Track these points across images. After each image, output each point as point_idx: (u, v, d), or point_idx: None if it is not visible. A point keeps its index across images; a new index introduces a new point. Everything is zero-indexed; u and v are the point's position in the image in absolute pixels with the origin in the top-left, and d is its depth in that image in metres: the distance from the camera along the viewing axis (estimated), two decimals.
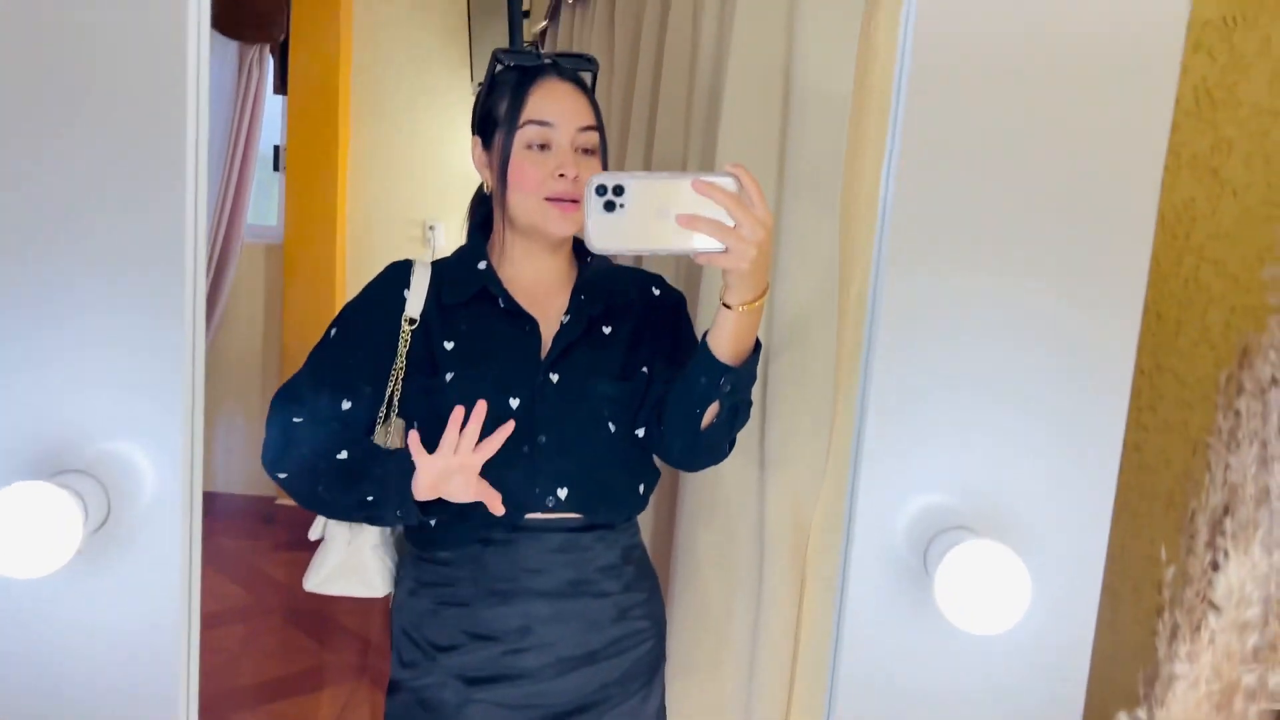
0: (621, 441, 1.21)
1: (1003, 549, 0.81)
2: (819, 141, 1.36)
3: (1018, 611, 0.81)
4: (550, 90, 1.18)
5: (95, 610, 0.87)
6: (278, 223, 3.87)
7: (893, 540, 0.91)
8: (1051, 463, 0.91)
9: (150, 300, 0.87)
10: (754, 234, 0.93)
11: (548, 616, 1.18)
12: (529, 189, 1.16)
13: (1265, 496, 0.81)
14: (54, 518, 0.77)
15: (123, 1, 0.84)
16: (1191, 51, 1.08)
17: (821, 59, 1.36)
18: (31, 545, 0.77)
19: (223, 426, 3.39)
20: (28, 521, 0.76)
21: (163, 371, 0.87)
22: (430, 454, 1.08)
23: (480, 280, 1.21)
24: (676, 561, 1.57)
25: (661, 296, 1.31)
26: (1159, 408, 1.16)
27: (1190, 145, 1.10)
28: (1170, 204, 1.11)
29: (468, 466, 1.08)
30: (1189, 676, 0.80)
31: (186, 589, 0.88)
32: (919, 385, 0.91)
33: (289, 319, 3.70)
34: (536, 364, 1.18)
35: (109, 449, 0.86)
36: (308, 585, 1.27)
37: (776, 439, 1.42)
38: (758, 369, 1.12)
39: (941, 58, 0.88)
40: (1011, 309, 0.90)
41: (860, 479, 0.91)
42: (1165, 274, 1.13)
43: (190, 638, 0.89)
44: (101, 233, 0.86)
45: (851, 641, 0.92)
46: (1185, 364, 1.14)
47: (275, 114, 3.80)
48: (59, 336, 0.86)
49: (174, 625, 0.88)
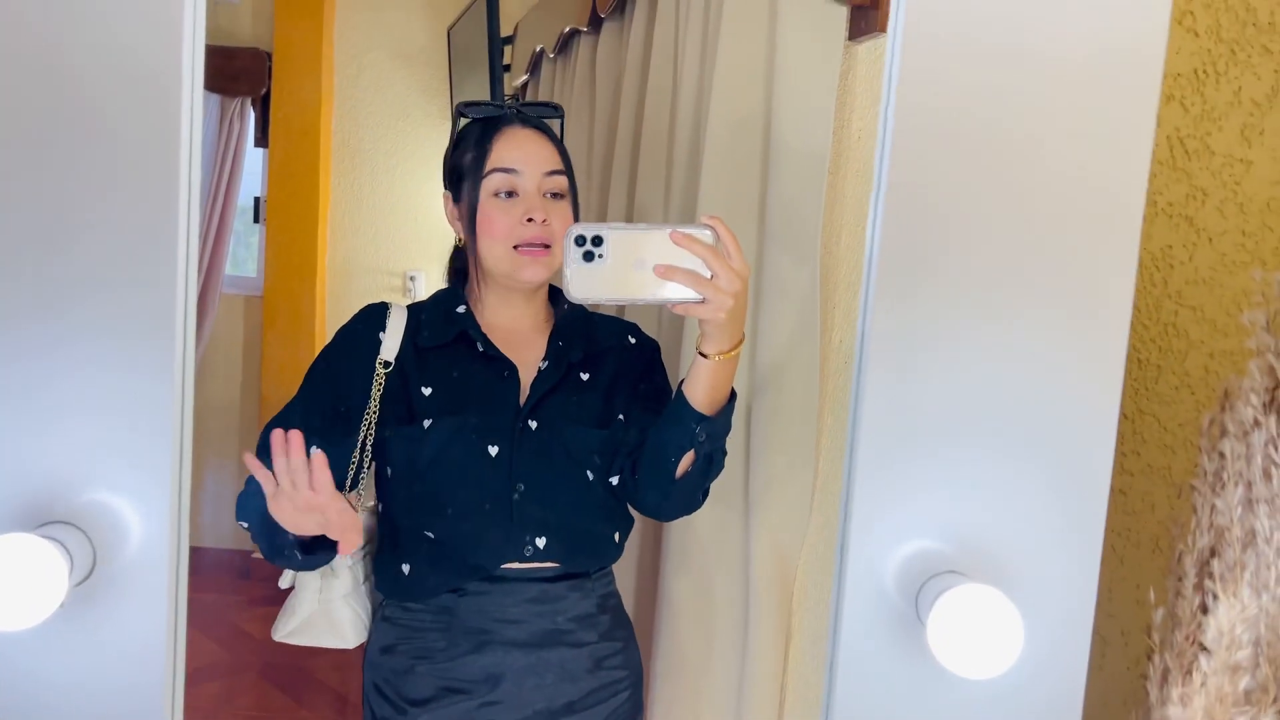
0: (599, 489, 1.20)
1: (995, 593, 0.81)
2: (798, 191, 1.38)
3: (1011, 655, 0.81)
4: (514, 138, 1.18)
5: (79, 664, 0.86)
6: (257, 274, 3.86)
7: (884, 586, 0.91)
8: (1040, 507, 0.91)
9: (138, 353, 0.86)
10: (730, 285, 0.94)
11: (522, 668, 1.16)
12: (498, 237, 1.16)
13: (1252, 538, 0.82)
14: (38, 570, 0.76)
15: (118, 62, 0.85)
16: (1165, 103, 1.11)
17: (800, 111, 1.38)
18: (15, 597, 0.75)
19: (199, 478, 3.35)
20: (11, 573, 0.75)
21: (150, 424, 0.86)
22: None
23: (459, 324, 1.21)
24: (659, 610, 1.56)
25: (638, 344, 1.31)
26: (1142, 452, 1.18)
27: (1165, 194, 1.13)
28: (1148, 251, 1.14)
29: (315, 505, 0.99)
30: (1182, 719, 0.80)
31: (172, 643, 0.87)
32: (907, 432, 0.92)
33: (268, 370, 3.68)
34: (515, 411, 1.18)
35: (95, 500, 0.85)
36: (277, 635, 1.24)
37: (759, 485, 1.42)
38: (738, 414, 1.12)
39: (924, 110, 0.90)
40: (997, 356, 0.92)
41: (851, 525, 0.91)
42: (1145, 320, 1.15)
43: (175, 692, 0.87)
44: (91, 286, 0.86)
45: (844, 688, 0.91)
46: (1166, 409, 1.16)
47: (255, 166, 3.81)
48: (46, 387, 0.86)
49: (158, 680, 0.86)
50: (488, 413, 1.17)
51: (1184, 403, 1.14)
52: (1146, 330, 1.15)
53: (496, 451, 1.15)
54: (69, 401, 0.86)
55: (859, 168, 1.39)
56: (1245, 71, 1.08)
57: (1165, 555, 1.15)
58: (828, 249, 1.41)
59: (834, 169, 1.39)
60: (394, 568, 1.18)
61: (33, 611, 0.77)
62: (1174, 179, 1.12)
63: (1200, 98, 1.11)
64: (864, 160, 1.38)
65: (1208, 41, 1.10)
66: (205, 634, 3.07)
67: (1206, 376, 1.12)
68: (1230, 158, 1.10)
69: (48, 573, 0.76)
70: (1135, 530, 1.18)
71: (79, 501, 0.85)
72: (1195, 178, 1.12)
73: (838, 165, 1.40)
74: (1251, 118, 1.09)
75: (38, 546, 0.76)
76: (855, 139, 1.40)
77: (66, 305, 0.86)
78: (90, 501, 0.85)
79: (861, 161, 1.39)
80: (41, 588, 0.76)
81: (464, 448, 1.15)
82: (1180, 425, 1.15)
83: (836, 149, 1.39)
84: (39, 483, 0.85)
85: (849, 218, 1.41)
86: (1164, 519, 1.15)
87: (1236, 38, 1.08)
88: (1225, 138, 1.10)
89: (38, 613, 0.77)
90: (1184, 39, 1.10)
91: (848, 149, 1.40)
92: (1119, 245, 0.91)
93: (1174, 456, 1.15)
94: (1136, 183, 0.90)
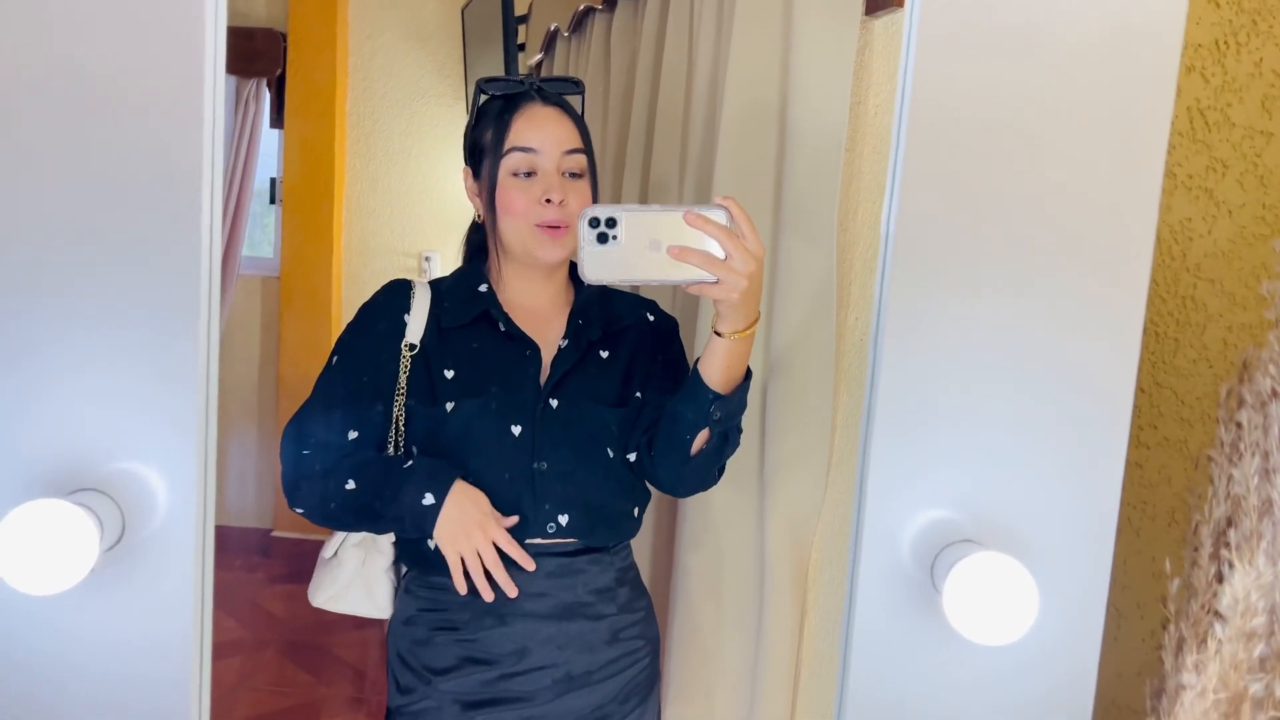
0: (618, 466, 1.21)
1: (1010, 560, 0.82)
2: (814, 168, 1.38)
3: (1026, 622, 0.81)
4: (533, 116, 1.19)
5: (108, 627, 0.87)
6: (274, 255, 3.88)
7: (899, 555, 0.92)
8: (1056, 478, 0.92)
9: (166, 326, 0.88)
10: (745, 266, 0.94)
11: (544, 639, 1.18)
12: (517, 216, 1.17)
13: (1268, 507, 0.82)
14: (70, 535, 0.78)
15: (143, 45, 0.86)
16: (1185, 74, 1.11)
17: (816, 88, 1.38)
18: (47, 561, 0.77)
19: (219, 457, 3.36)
20: (44, 538, 0.77)
21: (177, 395, 0.88)
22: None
23: (481, 303, 1.22)
24: (675, 585, 1.57)
25: (656, 321, 1.31)
26: (1159, 425, 1.18)
27: (1185, 166, 1.13)
28: (1167, 224, 1.13)
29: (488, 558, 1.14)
30: (1196, 687, 0.81)
31: (199, 607, 0.88)
32: (923, 403, 0.92)
33: (285, 350, 3.69)
34: (537, 390, 1.19)
35: (124, 469, 0.86)
36: (315, 601, 1.26)
37: (774, 463, 1.42)
38: (753, 393, 1.12)
39: (941, 84, 0.90)
40: (1014, 327, 0.92)
41: (867, 494, 0.91)
42: (1163, 293, 1.15)
43: (203, 656, 0.89)
44: (120, 262, 0.88)
45: (859, 655, 0.92)
46: (1184, 382, 1.16)
47: (271, 148, 3.82)
48: (78, 360, 0.87)
49: (186, 643, 0.88)
50: (509, 392, 1.18)
51: (1202, 376, 1.14)
52: (1165, 304, 1.15)
53: (519, 431, 1.16)
54: (100, 374, 0.88)
55: (876, 144, 1.39)
56: (1267, 42, 1.07)
57: (1182, 528, 1.15)
58: (844, 226, 1.40)
59: (850, 145, 1.39)
60: (419, 543, 1.20)
61: (65, 575, 0.78)
62: (1194, 151, 1.12)
63: (1221, 69, 1.10)
64: (880, 136, 1.38)
65: (1229, 12, 1.09)
66: (225, 611, 3.10)
67: (1225, 350, 1.12)
68: (1251, 130, 1.09)
69: (79, 538, 0.78)
70: (1152, 503, 1.18)
71: (109, 470, 0.86)
72: (1215, 150, 1.11)
73: (854, 142, 1.40)
74: (1273, 89, 1.09)
75: (69, 512, 0.78)
76: (872, 115, 1.40)
77: (97, 283, 0.88)
78: (120, 470, 0.87)
79: (878, 137, 1.38)
80: (73, 552, 0.78)
81: (487, 428, 1.16)
82: (1198, 399, 1.14)
83: (853, 125, 1.39)
84: (71, 451, 0.86)
85: (865, 194, 1.40)
86: (1181, 492, 1.15)
87: (1258, 8, 1.07)
88: (1246, 109, 1.09)
89: (69, 577, 0.79)
90: (1205, 9, 1.09)
91: (864, 125, 1.40)
92: (1137, 217, 0.91)
93: (1191, 430, 1.15)
94: (1155, 154, 0.90)
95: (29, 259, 0.88)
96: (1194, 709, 0.79)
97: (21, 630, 0.89)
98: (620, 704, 1.23)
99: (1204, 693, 0.79)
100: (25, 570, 0.77)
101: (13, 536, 0.77)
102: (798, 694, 1.48)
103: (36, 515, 0.77)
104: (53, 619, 0.88)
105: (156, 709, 0.88)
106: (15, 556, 0.77)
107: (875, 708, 0.95)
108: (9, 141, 0.87)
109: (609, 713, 1.22)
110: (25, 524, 0.77)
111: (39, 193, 0.87)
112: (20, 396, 0.88)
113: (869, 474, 0.91)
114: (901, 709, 0.95)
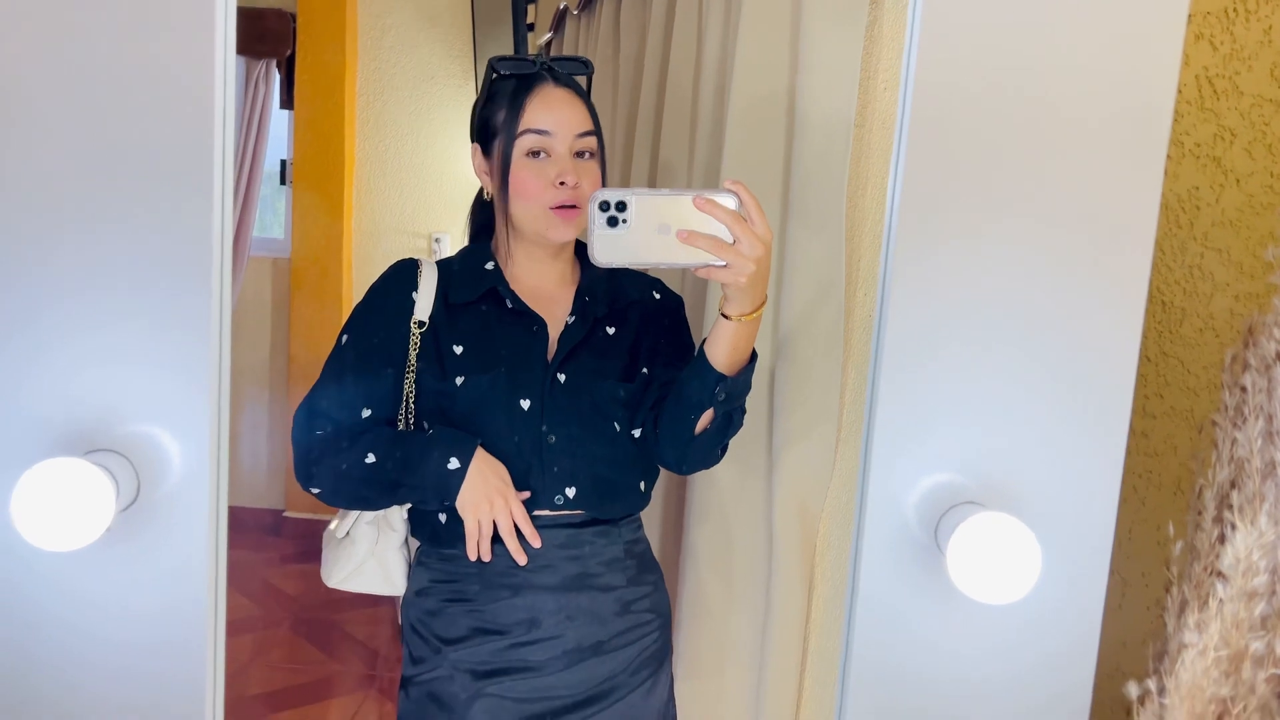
0: (625, 440, 1.22)
1: (1012, 520, 0.83)
2: (823, 151, 1.38)
3: (1029, 581, 0.82)
4: (546, 98, 1.19)
5: (124, 586, 0.89)
6: (284, 236, 3.89)
7: (904, 518, 0.93)
8: (1060, 439, 0.92)
9: (179, 291, 0.90)
10: (753, 250, 0.95)
11: (554, 609, 1.19)
12: (530, 197, 1.18)
13: (1272, 469, 0.83)
14: (86, 493, 0.79)
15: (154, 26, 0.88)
16: (1193, 41, 1.11)
17: (825, 67, 1.37)
18: (64, 519, 0.78)
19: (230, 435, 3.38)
20: (61, 495, 0.78)
21: (190, 357, 0.90)
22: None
23: (489, 281, 1.23)
24: (683, 559, 1.58)
25: (663, 300, 1.32)
26: (1165, 395, 1.18)
27: (1193, 134, 1.13)
28: (1174, 193, 1.13)
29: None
30: (1198, 645, 0.81)
31: (213, 570, 0.90)
32: (928, 368, 0.93)
33: (296, 331, 3.71)
34: (545, 365, 1.20)
35: (140, 430, 0.88)
36: (330, 581, 1.28)
37: (782, 441, 1.43)
38: (760, 372, 1.13)
39: (946, 55, 0.90)
40: (1019, 294, 0.92)
41: (871, 459, 0.92)
42: (1170, 262, 1.15)
43: (217, 621, 0.90)
44: (136, 229, 0.90)
45: (864, 618, 0.93)
46: (1190, 351, 1.16)
47: (281, 129, 3.82)
48: (94, 323, 0.89)
49: (201, 607, 0.89)
50: (518, 367, 1.19)
51: (1208, 345, 1.14)
52: (1171, 273, 1.15)
53: (528, 404, 1.17)
54: (116, 337, 0.90)
55: (885, 119, 1.39)
56: (1276, 10, 1.07)
57: (1187, 497, 1.16)
58: (853, 202, 1.40)
59: (860, 121, 1.39)
60: (431, 517, 1.21)
61: (81, 532, 0.80)
62: (1202, 119, 1.12)
63: (1230, 36, 1.10)
64: (889, 111, 1.38)
65: None
66: (237, 589, 3.13)
67: (1231, 319, 1.12)
68: (1260, 98, 1.09)
69: (95, 496, 0.79)
70: (1157, 472, 1.18)
71: (124, 431, 0.88)
72: (1223, 118, 1.11)
73: (863, 117, 1.39)
74: None
75: (86, 470, 0.79)
76: (881, 90, 1.40)
77: (115, 250, 0.90)
78: (135, 432, 0.88)
79: (887, 112, 1.38)
80: (89, 509, 0.79)
81: (496, 402, 1.17)
82: (1204, 368, 1.15)
83: (862, 100, 1.39)
84: (87, 412, 0.88)
85: (874, 171, 1.40)
86: (1186, 461, 1.16)
87: None
88: (1255, 77, 1.09)
89: (86, 534, 0.80)
90: None
91: (873, 100, 1.40)
92: (1142, 184, 0.91)
93: (1197, 399, 1.16)
94: (1161, 121, 0.90)
95: (51, 230, 0.89)
96: (1194, 667, 0.80)
97: (40, 593, 0.90)
98: (631, 675, 1.24)
99: (1205, 651, 0.80)
100: (42, 526, 0.78)
101: (30, 493, 0.79)
102: (805, 666, 1.49)
103: (53, 472, 0.78)
104: (70, 581, 0.89)
105: (171, 673, 0.90)
106: (32, 513, 0.79)
107: (880, 668, 0.96)
108: (27, 120, 0.89)
109: (620, 684, 1.23)
110: (42, 481, 0.79)
111: (57, 168, 0.89)
112: (38, 357, 0.90)
113: (874, 437, 0.92)
114: (905, 671, 0.96)
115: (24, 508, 0.78)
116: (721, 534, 1.54)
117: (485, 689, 1.19)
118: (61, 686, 0.91)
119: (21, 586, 0.90)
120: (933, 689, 0.97)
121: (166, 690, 0.91)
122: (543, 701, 1.20)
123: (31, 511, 0.78)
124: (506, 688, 1.19)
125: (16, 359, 0.90)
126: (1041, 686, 0.95)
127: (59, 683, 0.91)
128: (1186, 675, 0.80)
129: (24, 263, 0.90)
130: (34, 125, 0.89)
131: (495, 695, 1.19)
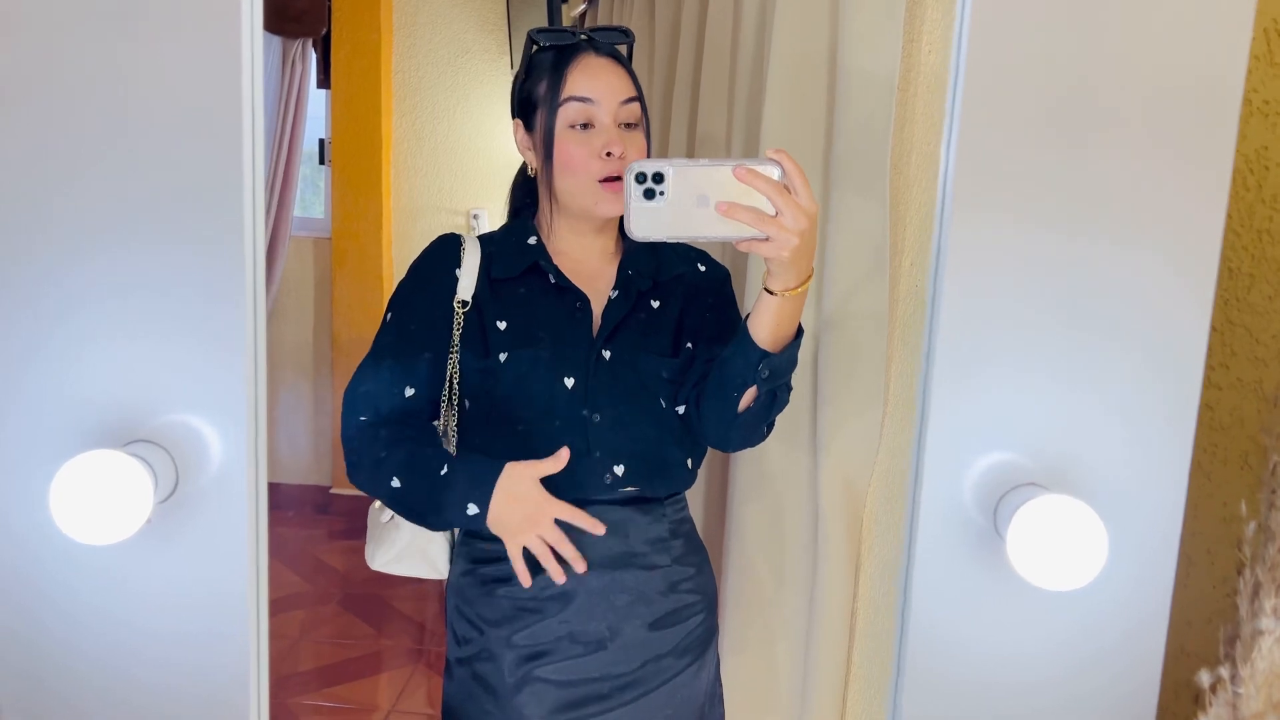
0: (670, 416, 1.20)
1: (1077, 503, 0.79)
2: (867, 117, 1.34)
3: (1094, 566, 0.79)
4: (588, 66, 1.17)
5: (164, 579, 0.89)
6: (325, 215, 3.91)
7: (960, 499, 0.90)
8: (1124, 417, 0.89)
9: (213, 281, 0.89)
10: (796, 223, 0.91)
11: (596, 588, 1.18)
12: (577, 170, 1.15)
13: None
14: (125, 485, 0.78)
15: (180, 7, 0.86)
16: None
17: (867, 31, 1.33)
18: (102, 511, 0.78)
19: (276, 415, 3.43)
20: (100, 488, 0.77)
21: (226, 348, 0.89)
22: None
23: (531, 256, 1.21)
24: (729, 538, 1.56)
25: (708, 272, 1.30)
26: (1231, 365, 1.13)
27: (1261, 91, 1.07)
28: (1242, 154, 1.08)
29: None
30: (1275, 632, 0.78)
31: (254, 559, 0.89)
32: (985, 342, 0.89)
33: (338, 309, 3.73)
34: (589, 342, 1.18)
35: (178, 421, 0.87)
36: (375, 565, 1.28)
37: (828, 418, 1.40)
38: (805, 348, 1.10)
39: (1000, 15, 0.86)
40: (1081, 263, 0.88)
41: (927, 438, 0.89)
42: (1236, 227, 1.10)
43: (259, 609, 0.90)
44: (169, 217, 0.89)
45: (920, 601, 0.91)
46: (1259, 320, 1.11)
47: (319, 108, 3.83)
48: (131, 313, 0.88)
49: (241, 596, 0.89)
50: (562, 344, 1.17)
51: (1277, 314, 1.09)
52: (1239, 238, 1.10)
53: (572, 383, 1.16)
54: (151, 328, 0.89)
55: (930, 83, 1.34)
56: None
57: (1255, 471, 1.11)
58: (897, 169, 1.36)
59: (903, 85, 1.34)
60: None
61: (120, 525, 0.79)
62: (1271, 75, 1.06)
63: None
64: (935, 75, 1.33)
65: None
66: (287, 565, 3.17)
67: None
68: None
69: (134, 488, 0.79)
70: (1223, 446, 1.14)
71: (162, 422, 0.87)
72: None
73: (907, 82, 1.35)
74: None
75: (124, 462, 0.79)
76: (925, 53, 1.35)
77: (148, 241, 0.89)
78: (172, 422, 0.87)
79: (933, 77, 1.33)
80: (128, 502, 0.79)
81: (540, 380, 1.16)
82: (1273, 337, 1.10)
83: (906, 65, 1.34)
84: (126, 403, 0.87)
85: (919, 136, 1.36)
86: (1255, 434, 1.11)
87: None
88: None
89: (125, 527, 0.79)
90: None
91: (917, 65, 1.35)
92: (1213, 147, 0.86)
93: (1266, 370, 1.11)
94: (1233, 79, 0.85)
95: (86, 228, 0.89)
96: (1273, 655, 0.76)
97: (82, 584, 0.90)
98: (677, 658, 1.23)
99: None
100: (80, 520, 0.78)
101: (68, 486, 0.78)
102: (853, 645, 1.47)
103: (91, 465, 0.78)
104: (109, 572, 0.89)
105: (215, 662, 0.90)
106: (71, 506, 0.78)
107: (936, 654, 0.93)
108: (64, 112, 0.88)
109: (665, 666, 1.22)
110: (80, 474, 0.78)
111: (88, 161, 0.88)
112: (74, 349, 0.89)
113: (929, 415, 0.88)
114: (963, 657, 0.93)
115: (62, 501, 0.78)
116: (767, 511, 1.52)
117: (531, 672, 1.18)
118: (107, 676, 0.91)
119: (63, 579, 0.90)
120: (990, 674, 0.94)
121: (210, 679, 0.91)
122: (588, 682, 1.19)
123: (70, 505, 0.78)
124: (551, 670, 1.18)
125: (53, 353, 0.90)
126: (1106, 674, 0.91)
127: (105, 673, 0.91)
128: (1264, 663, 0.76)
129: (60, 259, 0.89)
130: (65, 118, 0.88)
131: (541, 679, 1.18)
